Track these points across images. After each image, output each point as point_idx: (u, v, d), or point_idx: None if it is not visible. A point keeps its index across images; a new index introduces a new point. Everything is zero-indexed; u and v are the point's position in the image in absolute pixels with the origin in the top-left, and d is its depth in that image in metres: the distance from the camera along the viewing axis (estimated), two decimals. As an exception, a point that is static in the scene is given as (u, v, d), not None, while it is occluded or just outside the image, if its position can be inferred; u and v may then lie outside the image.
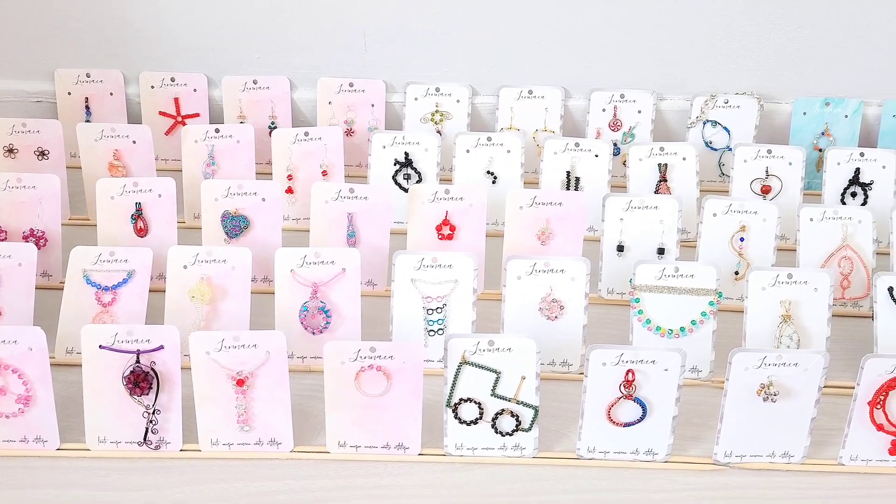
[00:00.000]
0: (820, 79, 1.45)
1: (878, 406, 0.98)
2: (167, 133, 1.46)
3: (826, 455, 1.03)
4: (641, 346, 0.99)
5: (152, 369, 0.99)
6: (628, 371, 0.97)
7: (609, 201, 1.24)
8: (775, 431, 1.00)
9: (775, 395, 0.98)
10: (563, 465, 1.02)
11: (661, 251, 1.23)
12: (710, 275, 1.12)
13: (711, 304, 1.12)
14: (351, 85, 1.45)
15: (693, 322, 1.12)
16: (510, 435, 1.00)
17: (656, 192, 1.35)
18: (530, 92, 1.46)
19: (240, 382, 0.99)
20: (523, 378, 0.99)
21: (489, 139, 1.37)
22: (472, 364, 0.99)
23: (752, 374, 0.98)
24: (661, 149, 1.36)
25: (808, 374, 0.98)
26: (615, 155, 1.45)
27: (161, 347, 0.99)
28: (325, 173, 1.35)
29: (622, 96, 1.46)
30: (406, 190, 1.32)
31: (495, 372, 0.99)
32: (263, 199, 1.22)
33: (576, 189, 1.36)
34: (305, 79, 1.46)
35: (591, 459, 1.01)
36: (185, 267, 1.13)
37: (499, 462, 1.01)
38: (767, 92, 1.47)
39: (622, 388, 0.98)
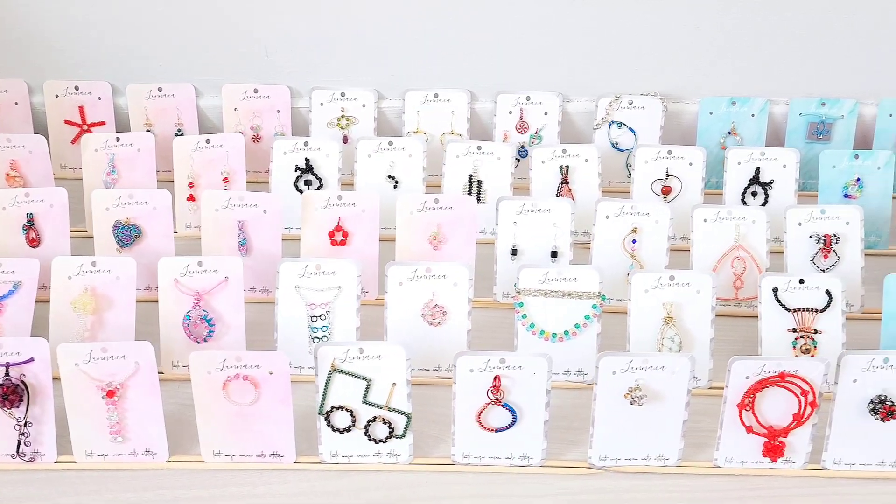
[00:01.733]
0: (727, 78, 1.45)
1: (747, 408, 0.99)
2: (73, 142, 1.45)
3: (705, 457, 1.03)
4: (508, 352, 0.99)
5: (22, 382, 0.99)
6: (495, 377, 0.98)
7: (502, 205, 1.24)
8: (648, 434, 1.00)
9: (642, 398, 0.98)
10: (438, 471, 1.01)
11: (554, 254, 1.24)
12: (593, 278, 1.12)
13: (595, 307, 1.12)
14: (256, 91, 1.44)
15: (577, 325, 1.12)
16: (384, 442, 1.00)
17: (558, 194, 1.36)
18: (436, 95, 1.45)
19: (110, 394, 0.99)
20: (394, 385, 0.99)
21: (390, 143, 1.36)
22: (343, 372, 0.99)
23: (620, 378, 0.98)
24: (564, 151, 1.36)
25: (675, 377, 0.98)
26: (523, 157, 1.46)
27: (31, 360, 0.99)
28: (226, 180, 1.35)
29: (528, 99, 1.45)
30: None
31: (366, 379, 0.99)
32: (155, 208, 1.22)
33: (478, 192, 1.36)
34: (211, 86, 1.46)
35: (466, 465, 1.01)
36: (69, 277, 1.12)
37: (374, 469, 1.01)
38: (674, 92, 1.48)
39: (490, 393, 0.98)
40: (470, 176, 1.36)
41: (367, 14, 1.42)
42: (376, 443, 1.00)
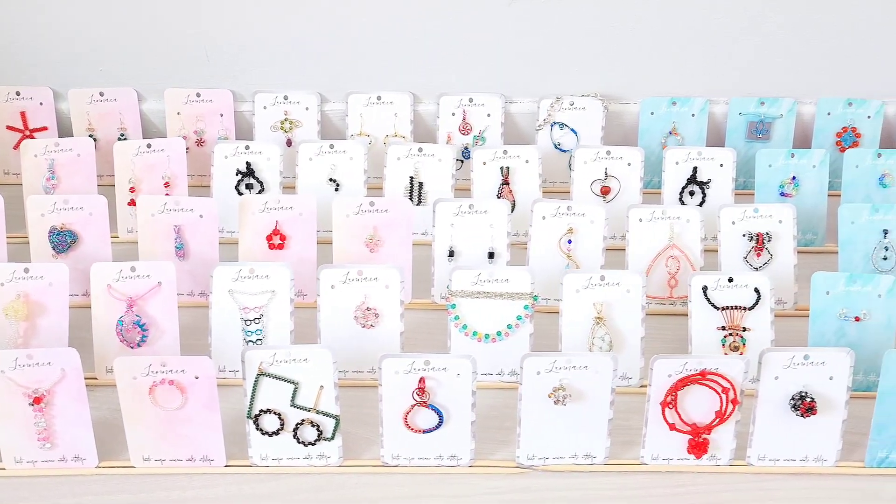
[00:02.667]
0: (667, 78, 1.46)
1: (670, 406, 1.00)
2: (15, 147, 1.44)
3: (635, 455, 1.04)
4: (432, 354, 0.99)
5: (-51, 389, 1.00)
6: (420, 379, 0.98)
7: (439, 207, 1.24)
8: (575, 433, 1.01)
9: (566, 398, 0.99)
10: (368, 473, 1.02)
11: (491, 255, 1.24)
12: (524, 279, 1.13)
13: (526, 307, 1.13)
14: (198, 95, 1.44)
15: (509, 326, 1.13)
16: (313, 444, 1.01)
17: (499, 195, 1.36)
18: (379, 98, 1.46)
19: (36, 400, 0.98)
20: (321, 388, 1.00)
21: (331, 146, 1.37)
22: (270, 375, 0.99)
23: (545, 378, 0.99)
24: (505, 152, 1.37)
25: (598, 376, 0.99)
26: (467, 158, 1.47)
27: (-42, 367, 0.99)
28: (167, 184, 1.35)
29: (471, 100, 1.46)
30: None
31: (293, 383, 1.00)
32: (91, 214, 1.22)
33: (419, 194, 1.37)
34: (154, 90, 1.46)
35: (396, 466, 1.02)
36: (2, 284, 1.11)
37: (304, 472, 1.02)
38: (616, 92, 1.49)
39: (415, 395, 0.99)
40: (411, 178, 1.37)
41: (310, 17, 1.42)
42: (305, 445, 1.01)
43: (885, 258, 1.25)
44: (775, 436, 1.02)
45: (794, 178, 1.36)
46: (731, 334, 1.13)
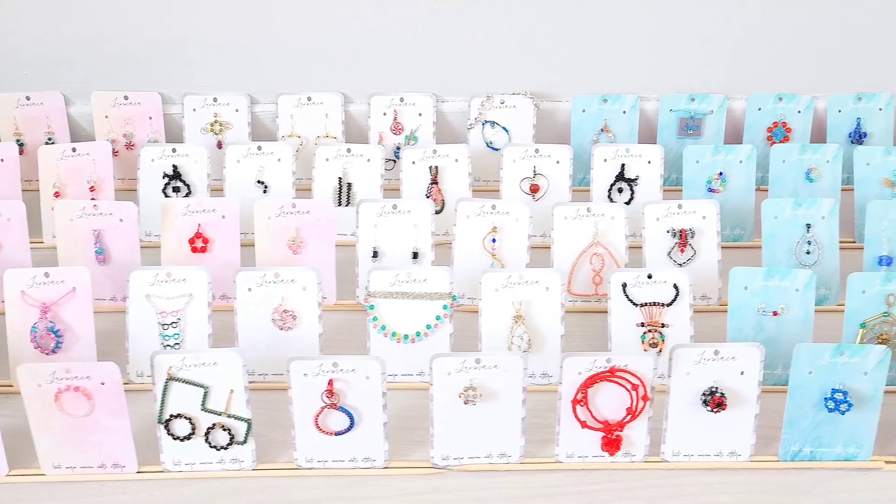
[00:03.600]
0: (598, 76, 1.46)
1: (581, 404, 1.00)
2: (-59, 153, 1.45)
3: (551, 453, 1.04)
4: (341, 356, 0.99)
5: None
6: (329, 381, 0.98)
7: (363, 207, 1.24)
8: (489, 433, 1.01)
9: (476, 397, 0.99)
10: (282, 476, 1.01)
11: (415, 255, 1.24)
12: (443, 279, 1.12)
13: (445, 307, 1.13)
14: (126, 98, 1.43)
15: (428, 326, 1.12)
16: (226, 449, 1.00)
17: (428, 195, 1.36)
18: (309, 98, 1.45)
19: (-58, 409, 0.99)
20: (232, 391, 0.99)
21: (259, 148, 1.36)
22: (179, 380, 0.99)
23: (455, 378, 0.99)
24: (434, 151, 1.37)
25: (509, 375, 0.99)
26: (399, 158, 1.47)
27: None
28: (93, 188, 1.34)
29: (402, 100, 1.46)
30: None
31: (202, 387, 0.99)
32: (9, 220, 1.20)
33: (348, 195, 1.37)
34: (81, 93, 1.45)
35: (310, 469, 1.02)
36: (-85, 292, 1.12)
37: (218, 476, 1.01)
38: (548, 90, 1.49)
39: (324, 397, 0.98)
40: (340, 179, 1.37)
41: (239, 18, 1.41)
42: (218, 450, 1.00)
43: (808, 252, 1.25)
44: (689, 431, 1.02)
45: (720, 173, 1.36)
46: (650, 331, 1.13)
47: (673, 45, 1.44)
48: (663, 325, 1.13)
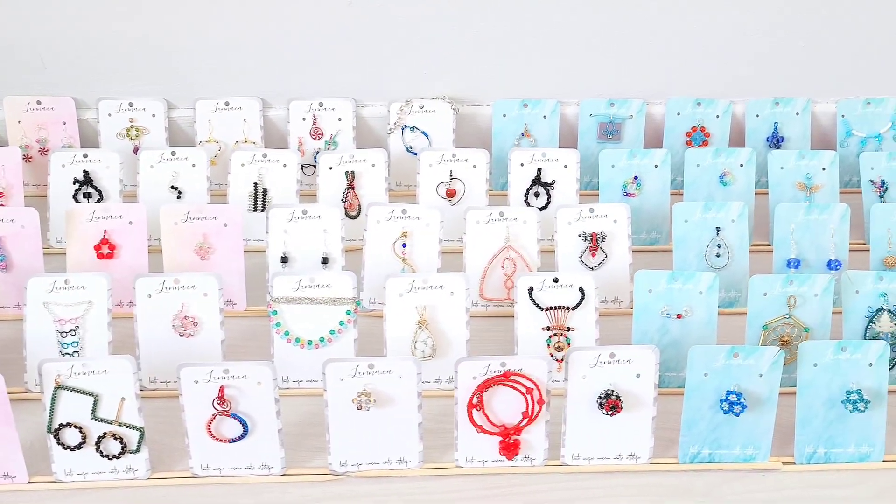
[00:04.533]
0: (519, 81, 1.46)
1: (477, 408, 0.99)
2: None
3: (451, 458, 1.03)
4: (232, 362, 0.98)
5: None
6: (220, 387, 0.97)
7: (272, 213, 1.23)
8: (386, 438, 1.00)
9: (370, 403, 0.98)
10: (178, 485, 1.00)
11: (325, 260, 1.24)
12: (346, 284, 1.12)
13: (349, 312, 1.12)
14: (39, 103, 1.41)
15: (332, 332, 1.12)
16: (118, 458, 0.99)
17: (344, 200, 1.36)
18: (227, 103, 1.44)
19: None
20: (123, 399, 0.98)
21: (173, 154, 1.35)
22: (68, 388, 0.97)
23: (348, 384, 0.98)
24: (352, 156, 1.36)
25: (403, 380, 0.98)
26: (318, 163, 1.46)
27: None
28: (2, 195, 1.32)
29: (321, 104, 1.45)
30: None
31: (92, 395, 0.98)
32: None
33: (263, 200, 1.36)
34: (-7, 98, 1.45)
35: (206, 477, 1.00)
36: None
37: (111, 486, 1.00)
38: (469, 95, 1.48)
39: (216, 404, 0.97)
40: (255, 184, 1.36)
41: (154, 21, 1.40)
42: (110, 459, 0.99)
43: (718, 255, 1.26)
44: (587, 434, 1.02)
45: (636, 177, 1.37)
46: (555, 334, 1.13)
47: (593, 50, 1.45)
48: (569, 329, 1.14)
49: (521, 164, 1.37)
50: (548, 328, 1.13)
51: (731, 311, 1.24)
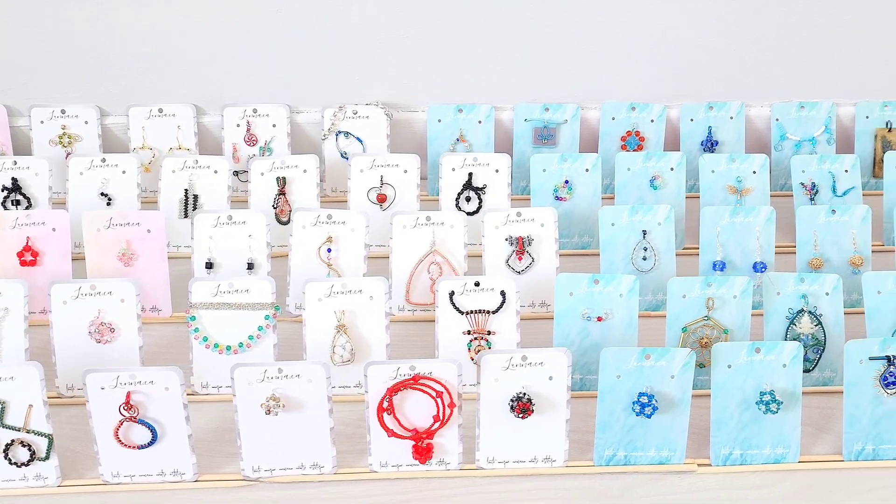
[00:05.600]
0: (453, 86, 1.46)
1: (388, 412, 0.99)
2: None
3: (367, 463, 1.03)
4: (138, 368, 0.98)
5: None
6: (127, 394, 0.96)
7: (197, 219, 1.23)
8: (298, 443, 1.00)
9: (278, 408, 0.98)
10: (88, 493, 0.99)
11: (250, 266, 1.23)
12: (265, 289, 1.12)
13: (268, 317, 1.12)
14: (-31, 111, 1.43)
15: (251, 337, 1.12)
16: (27, 465, 0.98)
17: (275, 206, 1.35)
18: (160, 110, 1.44)
19: None
20: (31, 406, 0.97)
21: (103, 160, 1.34)
22: (-25, 395, 0.98)
23: (257, 388, 0.98)
24: (283, 162, 1.36)
25: (312, 385, 0.98)
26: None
27: None
28: (-72, 203, 1.33)
29: (255, 111, 1.45)
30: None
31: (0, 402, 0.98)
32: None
33: (194, 207, 1.36)
34: (-76, 106, 1.44)
35: (117, 484, 1.00)
36: None
37: (20, 493, 0.99)
38: (404, 100, 1.48)
39: (123, 410, 0.97)
40: (186, 191, 1.36)
41: (87, 29, 1.40)
42: (19, 466, 0.98)
43: (644, 258, 1.27)
44: (502, 438, 1.02)
45: (566, 181, 1.38)
46: (476, 338, 1.14)
47: (527, 54, 1.46)
48: (489, 333, 1.14)
49: (453, 169, 1.37)
50: (468, 332, 1.14)
51: (657, 314, 1.24)
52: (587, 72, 1.47)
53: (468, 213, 1.34)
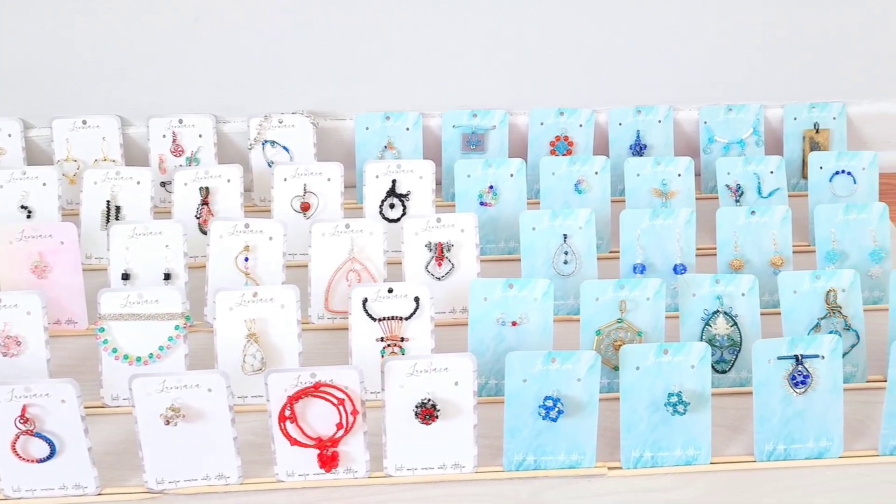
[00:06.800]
0: (382, 94, 1.46)
1: (290, 420, 0.98)
2: None
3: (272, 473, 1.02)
4: (34, 380, 0.96)
5: None
6: (23, 406, 0.95)
7: (113, 230, 1.22)
8: (203, 453, 0.98)
9: (178, 417, 0.97)
10: (-11, 508, 1.00)
11: (167, 276, 1.22)
12: (175, 299, 1.11)
13: (178, 328, 1.11)
14: None
15: (161, 348, 1.11)
16: (-75, 481, 0.98)
17: (198, 216, 1.34)
18: (84, 122, 1.44)
19: None
20: (-74, 421, 0.97)
21: (24, 173, 1.33)
22: None
23: (156, 399, 0.97)
24: (206, 172, 1.36)
25: (213, 394, 0.97)
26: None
27: None
28: None
29: (181, 121, 1.45)
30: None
31: None
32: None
33: (116, 218, 1.35)
34: None
35: (18, 498, 0.98)
36: None
37: (-81, 510, 0.99)
38: (331, 108, 1.48)
39: (19, 423, 0.95)
40: (108, 202, 1.35)
41: (9, 41, 1.38)
42: (-84, 483, 0.98)
43: (565, 262, 1.27)
44: (410, 445, 1.01)
45: (491, 187, 1.37)
46: (389, 345, 1.13)
47: (454, 61, 1.45)
48: (402, 339, 1.13)
49: (377, 177, 1.36)
50: (382, 339, 1.14)
51: (578, 319, 1.24)
52: (515, 78, 1.48)
53: (392, 221, 1.34)
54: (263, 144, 1.45)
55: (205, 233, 1.34)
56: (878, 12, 1.47)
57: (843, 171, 1.39)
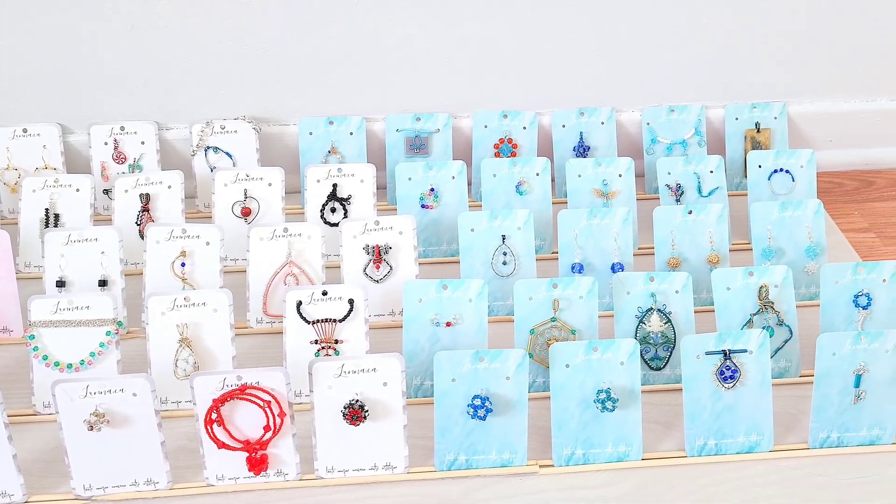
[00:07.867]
0: (325, 98, 1.46)
1: (217, 424, 0.98)
2: None
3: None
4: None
5: None
6: (-57, 414, 0.95)
7: (48, 237, 1.21)
8: (130, 459, 0.98)
9: (102, 423, 0.96)
10: (-86, 518, 0.99)
11: (103, 283, 1.22)
12: (106, 305, 1.10)
13: (109, 333, 1.11)
14: None
15: (92, 354, 1.10)
16: None
17: (139, 222, 1.34)
18: (24, 130, 1.43)
19: None
20: None
21: (-40, 182, 1.34)
22: None
23: (80, 404, 0.96)
24: (147, 178, 1.35)
25: (138, 399, 0.96)
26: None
27: None
28: None
29: (122, 128, 1.44)
30: None
31: None
32: None
33: (55, 226, 1.34)
34: None
35: (-57, 508, 1.00)
36: None
37: None
38: (274, 114, 1.48)
39: (-61, 432, 0.96)
40: (46, 210, 1.34)
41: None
42: None
43: (504, 263, 1.27)
44: (340, 446, 1.01)
45: (432, 189, 1.38)
46: (323, 347, 1.13)
47: (397, 65, 1.46)
48: (337, 342, 1.13)
49: (318, 181, 1.36)
50: (316, 342, 1.14)
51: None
52: (459, 81, 1.48)
53: (333, 224, 1.34)
54: (206, 151, 1.45)
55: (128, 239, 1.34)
56: (818, 13, 1.49)
57: (781, 170, 1.41)
